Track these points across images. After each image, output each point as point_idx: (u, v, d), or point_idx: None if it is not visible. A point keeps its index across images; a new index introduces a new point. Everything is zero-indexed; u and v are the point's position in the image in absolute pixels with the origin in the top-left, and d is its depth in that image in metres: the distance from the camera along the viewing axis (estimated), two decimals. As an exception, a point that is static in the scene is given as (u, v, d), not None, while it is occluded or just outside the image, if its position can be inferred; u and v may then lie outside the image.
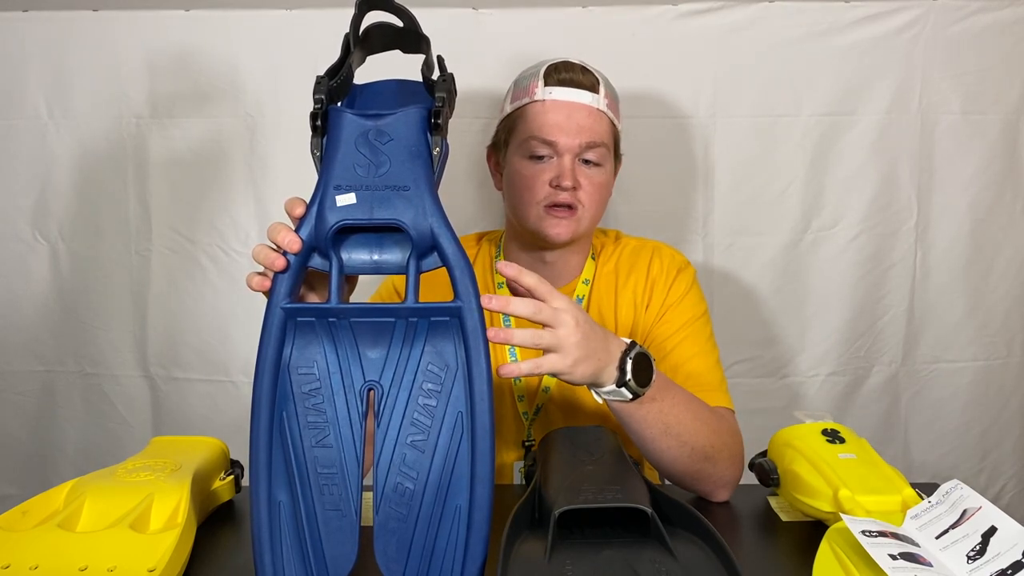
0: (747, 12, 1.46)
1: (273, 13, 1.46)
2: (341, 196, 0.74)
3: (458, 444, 0.73)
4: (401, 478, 0.74)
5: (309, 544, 0.73)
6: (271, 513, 0.73)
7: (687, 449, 0.95)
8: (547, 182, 1.09)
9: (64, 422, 1.58)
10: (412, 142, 0.77)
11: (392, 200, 0.75)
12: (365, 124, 0.77)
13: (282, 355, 0.74)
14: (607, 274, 1.19)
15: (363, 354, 0.75)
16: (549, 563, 0.73)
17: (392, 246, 0.78)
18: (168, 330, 1.55)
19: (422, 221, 0.74)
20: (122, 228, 1.52)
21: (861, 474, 0.88)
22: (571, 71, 1.12)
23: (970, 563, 0.71)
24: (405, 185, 0.75)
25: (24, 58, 1.48)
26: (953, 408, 1.60)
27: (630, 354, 0.88)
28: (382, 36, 0.85)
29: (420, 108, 0.79)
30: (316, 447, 0.74)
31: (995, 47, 1.49)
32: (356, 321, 0.75)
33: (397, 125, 0.77)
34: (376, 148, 0.76)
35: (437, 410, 0.74)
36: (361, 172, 0.75)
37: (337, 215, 0.74)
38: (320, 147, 0.77)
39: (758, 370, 1.57)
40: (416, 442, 0.74)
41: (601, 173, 1.12)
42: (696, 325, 1.14)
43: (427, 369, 0.75)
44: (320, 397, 0.74)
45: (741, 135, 1.50)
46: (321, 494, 0.73)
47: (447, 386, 0.74)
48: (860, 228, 1.53)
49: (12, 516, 0.81)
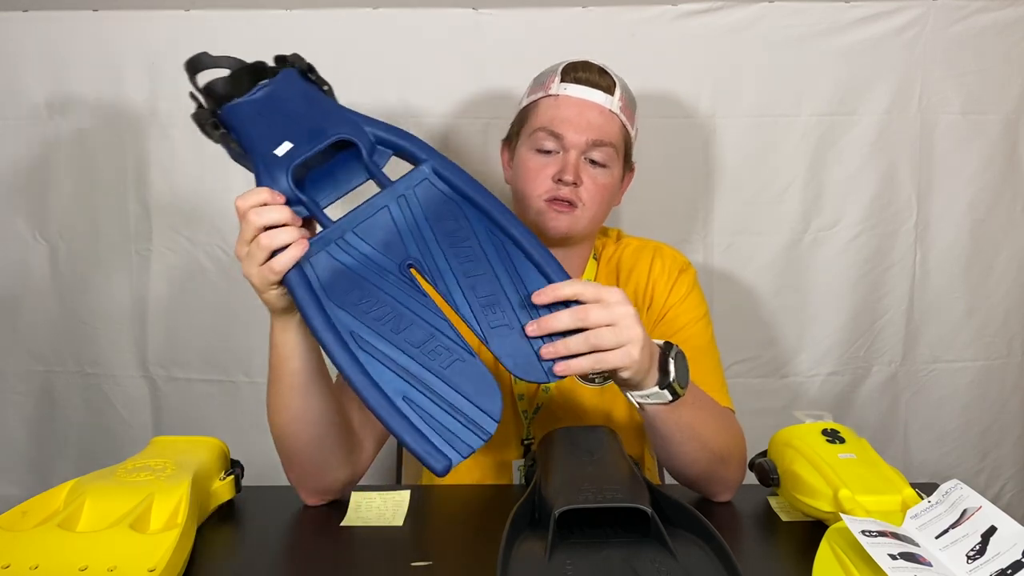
0: (747, 12, 1.46)
1: (273, 13, 1.46)
2: (278, 149, 0.81)
3: (505, 248, 0.81)
4: (484, 304, 0.79)
5: (452, 404, 0.74)
6: (404, 405, 0.74)
7: (707, 452, 0.94)
8: (550, 176, 1.09)
9: (64, 422, 1.58)
10: (302, 91, 0.86)
11: (321, 129, 0.83)
12: (254, 98, 0.85)
13: (322, 304, 0.78)
14: (608, 273, 1.19)
15: (381, 248, 0.81)
16: (549, 563, 0.73)
17: (342, 168, 0.85)
18: (168, 330, 1.55)
19: (354, 128, 0.84)
20: (122, 228, 1.52)
21: (861, 474, 0.88)
22: (588, 71, 1.12)
23: (970, 563, 0.71)
24: (324, 116, 0.84)
25: (24, 58, 1.48)
26: (953, 408, 1.60)
27: (671, 353, 0.86)
28: (229, 85, 0.87)
29: (287, 71, 0.87)
30: (400, 333, 0.77)
31: (995, 47, 1.49)
32: (359, 228, 0.81)
33: (280, 88, 0.85)
34: (273, 110, 0.84)
35: (469, 238, 0.82)
36: (281, 130, 0.83)
37: (285, 161, 0.81)
38: (229, 140, 0.84)
39: (758, 370, 1.57)
40: (472, 270, 0.80)
41: (606, 174, 1.11)
42: (698, 326, 1.14)
43: (439, 219, 0.82)
44: (372, 299, 0.78)
45: (741, 135, 1.50)
46: (433, 360, 0.76)
47: (462, 218, 0.82)
48: (860, 228, 1.53)
49: (12, 516, 0.81)
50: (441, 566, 0.81)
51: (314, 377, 0.91)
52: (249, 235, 0.79)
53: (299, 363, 0.89)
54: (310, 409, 0.93)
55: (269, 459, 0.98)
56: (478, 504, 1.03)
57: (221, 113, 0.85)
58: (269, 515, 0.98)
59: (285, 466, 0.98)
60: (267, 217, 0.78)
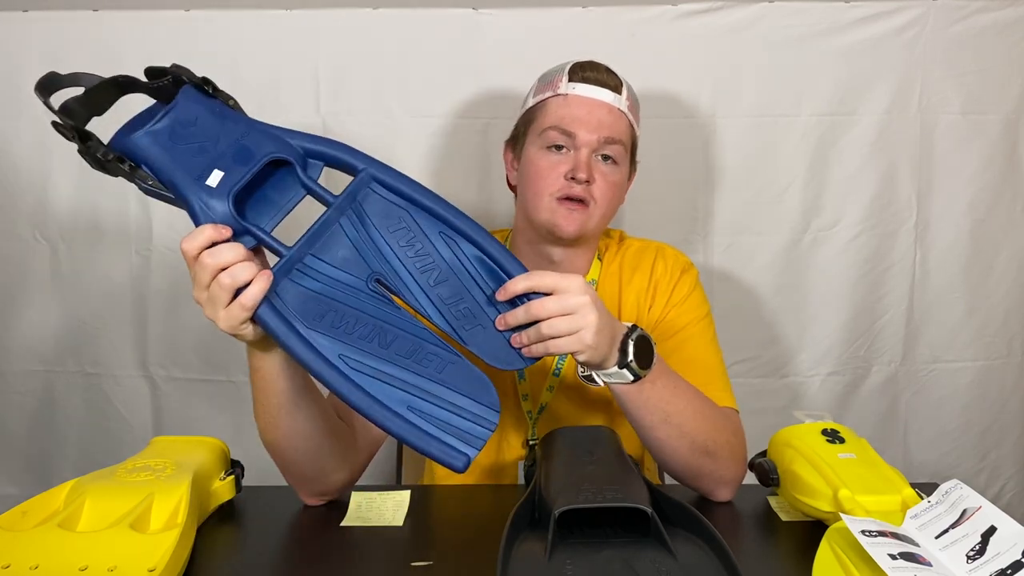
0: (747, 12, 1.46)
1: (273, 13, 1.46)
2: (209, 178, 0.77)
3: (459, 246, 0.82)
4: (452, 307, 0.81)
5: (454, 403, 0.77)
6: (411, 414, 0.75)
7: (687, 441, 0.95)
8: (562, 174, 1.09)
9: (64, 422, 1.58)
10: (208, 109, 0.80)
11: (246, 149, 0.79)
12: (159, 127, 0.78)
13: (300, 332, 0.77)
14: (611, 274, 1.19)
15: (344, 266, 0.80)
16: (549, 563, 0.73)
17: (275, 188, 0.81)
18: (168, 330, 1.55)
19: (280, 144, 0.80)
20: (122, 228, 1.52)
21: (861, 474, 0.88)
22: (596, 70, 1.12)
23: (970, 563, 0.71)
24: (243, 134, 0.80)
25: (24, 58, 1.48)
26: (953, 408, 1.60)
27: (631, 336, 0.89)
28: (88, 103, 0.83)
29: (186, 88, 0.81)
30: (388, 347, 0.78)
31: (995, 47, 1.49)
32: (316, 250, 0.80)
33: (183, 110, 0.79)
34: (186, 136, 0.78)
35: (424, 243, 0.82)
36: (202, 156, 0.78)
37: (222, 191, 0.77)
38: (146, 176, 0.78)
39: (758, 370, 1.57)
40: (435, 278, 0.81)
41: (616, 172, 1.12)
42: (700, 326, 1.14)
43: (391, 229, 0.82)
44: (351, 319, 0.78)
45: (741, 135, 1.50)
46: (426, 367, 0.78)
47: (413, 225, 0.82)
48: (860, 228, 1.53)
49: (12, 516, 0.81)
50: (441, 566, 0.81)
51: (301, 394, 0.90)
52: (206, 279, 0.76)
53: (284, 383, 0.88)
54: (300, 424, 0.92)
55: (269, 459, 0.98)
56: (478, 504, 1.03)
57: (121, 145, 0.79)
58: (269, 515, 0.98)
59: (282, 472, 0.98)
60: (222, 257, 0.75)
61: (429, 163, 1.50)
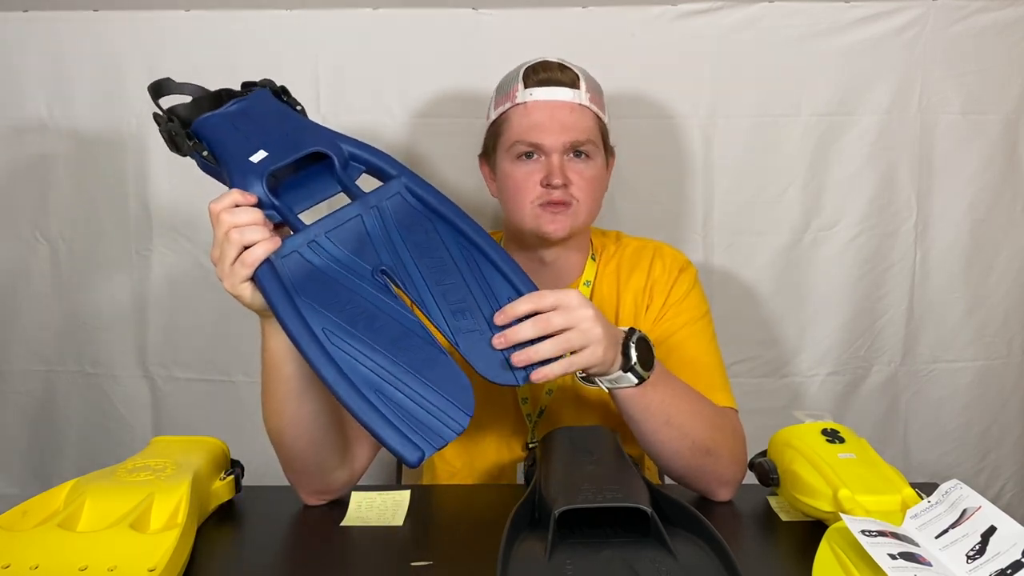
0: (747, 12, 1.46)
1: (273, 13, 1.46)
2: (254, 156, 0.83)
3: (473, 256, 0.85)
4: (454, 310, 0.82)
5: (424, 397, 0.76)
6: (376, 398, 0.75)
7: (688, 442, 0.96)
8: (538, 182, 1.09)
9: (64, 422, 1.58)
10: (275, 109, 0.90)
11: (294, 140, 0.85)
12: (228, 111, 0.88)
13: (294, 300, 0.78)
14: (608, 275, 1.19)
15: (354, 253, 0.83)
16: (549, 563, 0.73)
17: (314, 180, 0.87)
18: (168, 330, 1.55)
19: (328, 142, 0.86)
20: (122, 228, 1.52)
21: (861, 474, 0.88)
22: (549, 70, 1.12)
23: (970, 563, 0.71)
24: (297, 129, 0.87)
25: (24, 58, 1.48)
26: (953, 408, 1.60)
27: (632, 338, 0.90)
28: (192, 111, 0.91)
29: (262, 90, 0.92)
30: (373, 330, 0.78)
31: (995, 47, 1.49)
32: (332, 233, 0.83)
33: (254, 105, 0.89)
34: (248, 123, 0.87)
35: (439, 248, 0.85)
36: (255, 139, 0.85)
37: (261, 168, 0.82)
38: (201, 149, 0.85)
39: (758, 370, 1.57)
40: (444, 280, 0.83)
41: (591, 167, 1.11)
42: (698, 325, 1.14)
43: (410, 231, 0.85)
44: (345, 299, 0.80)
45: (741, 135, 1.50)
46: (405, 356, 0.78)
47: (432, 232, 0.86)
48: (860, 228, 1.53)
49: (12, 516, 0.82)
50: (441, 566, 0.81)
51: (308, 382, 0.91)
52: (221, 234, 0.80)
53: (292, 368, 0.90)
54: (305, 413, 0.93)
55: (269, 459, 0.98)
56: (478, 504, 1.03)
57: (194, 126, 0.87)
58: (269, 515, 0.98)
59: (284, 467, 0.98)
60: (239, 218, 0.80)
61: (429, 163, 1.50)
